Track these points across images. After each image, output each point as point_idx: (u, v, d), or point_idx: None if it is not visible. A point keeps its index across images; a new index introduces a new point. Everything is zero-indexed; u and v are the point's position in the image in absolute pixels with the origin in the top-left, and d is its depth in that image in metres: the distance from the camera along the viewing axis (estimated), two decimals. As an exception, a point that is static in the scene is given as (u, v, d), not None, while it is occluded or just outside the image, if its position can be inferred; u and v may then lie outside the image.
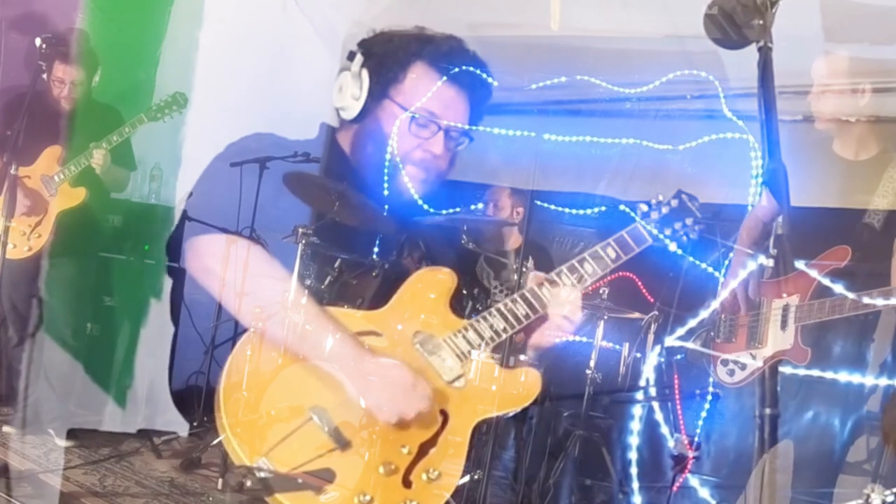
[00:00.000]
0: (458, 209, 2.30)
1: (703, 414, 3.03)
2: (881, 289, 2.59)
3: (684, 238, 1.90)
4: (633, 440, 3.14)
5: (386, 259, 2.03)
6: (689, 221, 1.89)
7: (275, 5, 3.70)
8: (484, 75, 2.02)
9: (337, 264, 1.98)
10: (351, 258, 2.00)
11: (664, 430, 3.14)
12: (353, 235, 2.04)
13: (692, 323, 3.03)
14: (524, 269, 3.20)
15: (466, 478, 3.26)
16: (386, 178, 1.98)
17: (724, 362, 2.86)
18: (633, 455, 3.12)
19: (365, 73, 1.97)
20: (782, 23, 1.44)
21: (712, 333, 2.94)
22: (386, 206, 2.00)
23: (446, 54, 1.98)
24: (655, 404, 3.19)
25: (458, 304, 2.14)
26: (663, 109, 3.55)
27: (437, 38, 2.02)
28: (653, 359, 3.36)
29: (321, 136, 2.13)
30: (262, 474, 1.67)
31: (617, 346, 3.56)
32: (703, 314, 2.96)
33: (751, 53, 1.45)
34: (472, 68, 1.99)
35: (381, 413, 1.75)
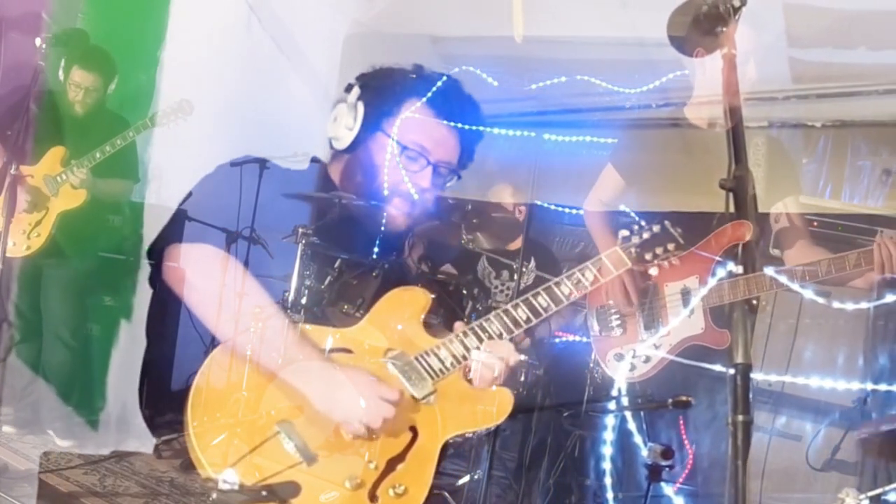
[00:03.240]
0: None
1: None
2: (804, 265, 2.46)
3: (665, 264, 1.91)
4: (607, 450, 3.12)
5: (386, 259, 2.03)
6: (670, 246, 1.90)
7: (239, 25, 3.72)
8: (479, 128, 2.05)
9: (337, 264, 1.98)
10: (351, 258, 2.00)
11: (637, 439, 3.13)
12: (354, 235, 2.04)
13: (664, 330, 2.99)
14: (524, 270, 3.21)
15: (466, 478, 3.28)
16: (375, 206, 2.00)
17: (619, 356, 2.72)
18: (607, 465, 3.10)
19: (360, 105, 2.00)
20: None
21: (589, 330, 2.79)
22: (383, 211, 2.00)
23: (441, 93, 2.00)
24: (628, 413, 3.16)
25: (458, 304, 2.14)
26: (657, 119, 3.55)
27: (433, 76, 2.04)
28: (625, 367, 3.32)
29: (311, 171, 2.14)
30: (227, 487, 1.68)
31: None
32: (674, 322, 2.87)
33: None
34: (465, 109, 2.02)
35: (347, 423, 1.76)
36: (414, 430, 1.82)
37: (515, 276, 3.02)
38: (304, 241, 1.94)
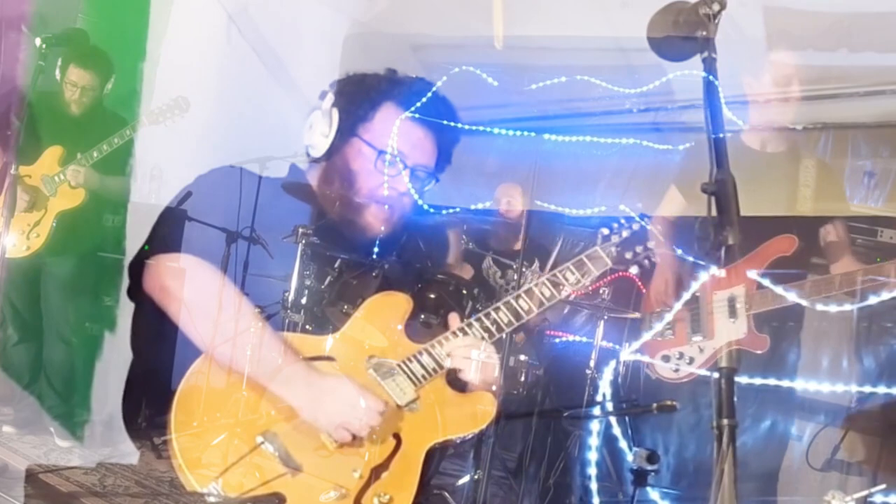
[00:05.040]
0: (457, 209, 2.31)
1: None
2: (840, 274, 2.59)
3: (645, 262, 1.92)
4: (592, 455, 3.15)
5: (386, 259, 2.03)
6: (650, 244, 1.91)
7: (219, 36, 3.73)
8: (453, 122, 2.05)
9: (337, 264, 1.98)
10: (351, 258, 2.00)
11: (623, 444, 3.15)
12: (354, 235, 2.04)
13: (646, 336, 3.05)
14: (524, 270, 3.21)
15: (466, 478, 3.28)
16: (351, 214, 2.01)
17: (666, 358, 2.83)
18: (592, 470, 3.13)
19: (335, 112, 1.99)
20: (726, 33, 1.46)
21: (643, 332, 2.91)
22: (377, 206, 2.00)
23: (416, 96, 2.00)
24: (613, 419, 3.19)
25: (458, 304, 2.14)
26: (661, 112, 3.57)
27: (407, 80, 2.05)
28: (608, 373, 3.35)
29: (292, 176, 2.14)
30: (213, 499, 1.67)
31: (617, 346, 3.56)
32: (658, 327, 2.95)
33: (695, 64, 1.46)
34: (440, 110, 2.02)
35: (332, 431, 1.76)
36: (397, 437, 1.82)
37: (516, 277, 3.03)
38: (303, 241, 1.94)
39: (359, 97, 2.00)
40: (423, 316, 1.94)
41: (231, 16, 3.69)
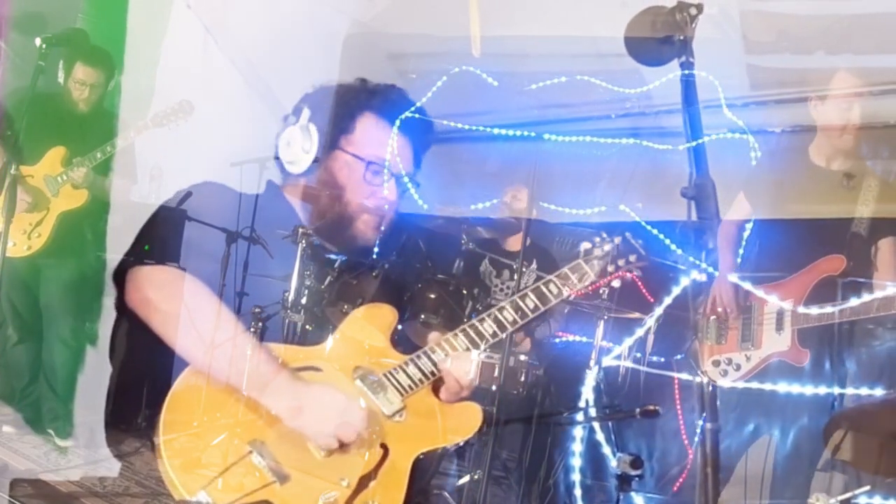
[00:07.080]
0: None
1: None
2: (881, 295, 2.72)
3: (627, 274, 1.94)
4: (576, 461, 3.17)
5: (386, 259, 2.03)
6: (632, 258, 1.94)
7: (196, 47, 3.74)
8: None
9: (337, 264, 1.98)
10: (350, 258, 2.00)
11: (606, 449, 3.18)
12: (345, 244, 2.04)
13: (629, 341, 3.09)
14: (524, 270, 3.21)
15: (466, 478, 3.28)
16: (341, 225, 2.02)
17: (716, 363, 2.96)
18: (576, 476, 3.16)
19: (313, 127, 2.00)
20: (703, 37, 1.45)
21: (699, 335, 2.99)
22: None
23: (392, 103, 2.03)
24: (596, 424, 3.22)
25: (458, 304, 2.15)
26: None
27: (381, 88, 2.07)
28: (591, 379, 3.38)
29: (269, 192, 2.13)
30: None
31: (617, 346, 3.56)
32: (639, 332, 3.03)
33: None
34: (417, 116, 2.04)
35: (316, 439, 1.76)
36: (385, 447, 1.82)
37: (515, 276, 3.04)
38: (303, 241, 1.94)
39: (337, 109, 2.02)
40: (423, 316, 1.94)
41: (207, 27, 3.71)
